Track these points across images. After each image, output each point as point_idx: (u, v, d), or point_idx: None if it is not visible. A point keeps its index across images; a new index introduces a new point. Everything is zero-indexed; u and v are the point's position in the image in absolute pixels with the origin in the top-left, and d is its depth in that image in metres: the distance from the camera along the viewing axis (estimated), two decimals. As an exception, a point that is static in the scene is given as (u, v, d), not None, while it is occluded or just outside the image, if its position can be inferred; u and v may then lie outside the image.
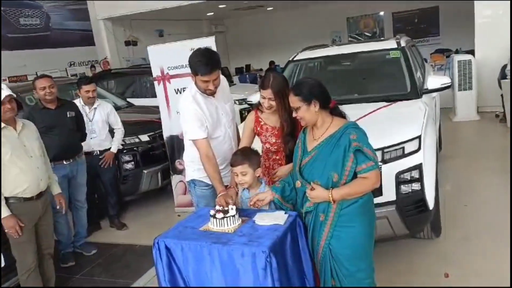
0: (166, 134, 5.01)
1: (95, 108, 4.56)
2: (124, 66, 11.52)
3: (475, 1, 8.06)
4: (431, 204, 3.21)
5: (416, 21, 14.68)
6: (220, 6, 12.35)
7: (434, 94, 4.43)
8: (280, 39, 15.09)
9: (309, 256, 2.38)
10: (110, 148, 4.62)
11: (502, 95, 7.24)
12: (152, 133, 5.28)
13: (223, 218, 2.30)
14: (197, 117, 2.74)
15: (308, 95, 2.26)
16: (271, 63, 13.87)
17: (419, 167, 3.09)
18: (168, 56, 4.85)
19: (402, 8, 14.52)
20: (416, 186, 3.12)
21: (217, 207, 2.40)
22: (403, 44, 4.58)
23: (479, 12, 8.07)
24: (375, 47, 4.69)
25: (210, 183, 2.86)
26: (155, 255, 2.30)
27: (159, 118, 5.11)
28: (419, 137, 3.20)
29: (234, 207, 2.37)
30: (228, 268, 2.14)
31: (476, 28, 8.12)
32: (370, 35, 15.37)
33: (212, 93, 2.80)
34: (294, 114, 2.34)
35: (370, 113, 3.63)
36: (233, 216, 2.32)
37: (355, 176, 2.19)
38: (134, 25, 12.73)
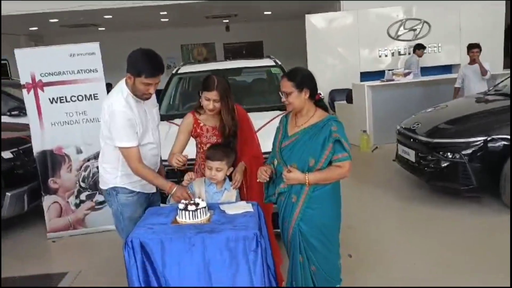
0: (37, 149, 4.37)
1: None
2: None
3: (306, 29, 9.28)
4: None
5: (244, 52, 16.11)
6: (52, 20, 11.30)
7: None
8: (113, 61, 14.55)
9: (269, 244, 2.42)
10: None
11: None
12: (16, 149, 4.56)
13: (196, 210, 2.26)
14: (131, 123, 2.54)
15: (301, 83, 2.39)
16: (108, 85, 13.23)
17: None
18: (42, 61, 4.30)
19: (232, 40, 15.80)
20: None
21: (183, 201, 2.34)
22: (279, 62, 5.13)
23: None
24: (256, 64, 5.11)
25: (134, 189, 2.72)
26: (127, 256, 2.11)
27: (28, 136, 4.49)
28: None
29: (202, 200, 2.35)
30: (215, 257, 2.11)
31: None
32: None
33: (147, 98, 2.64)
34: (283, 99, 2.43)
35: (270, 121, 3.96)
36: (204, 207, 2.30)
37: (328, 165, 2.39)
38: None
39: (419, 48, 8.36)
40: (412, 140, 4.84)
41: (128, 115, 2.52)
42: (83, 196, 4.49)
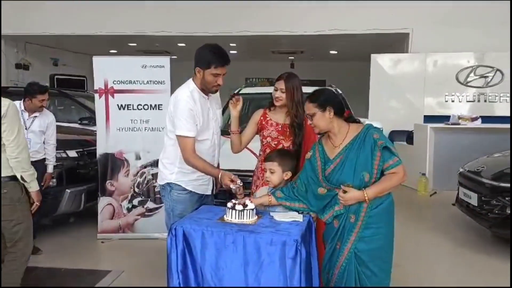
0: (100, 151, 4.61)
1: (35, 117, 4.15)
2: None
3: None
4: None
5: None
6: (130, 44, 12.15)
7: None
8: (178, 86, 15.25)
9: (316, 262, 2.34)
10: (41, 160, 4.17)
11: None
12: (81, 149, 4.84)
13: (242, 210, 2.25)
14: (191, 114, 2.65)
15: (323, 102, 2.33)
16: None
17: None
18: (116, 69, 4.61)
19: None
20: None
21: (233, 200, 2.34)
22: (340, 91, 5.13)
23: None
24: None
25: (187, 187, 2.77)
26: (169, 243, 2.14)
27: (93, 140, 4.81)
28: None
29: (252, 203, 2.34)
30: (252, 257, 2.08)
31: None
32: (265, 96, 16.57)
33: (216, 90, 2.76)
34: (309, 122, 2.41)
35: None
36: (252, 209, 2.29)
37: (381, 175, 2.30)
38: (29, 49, 11.75)
39: None
40: (475, 182, 4.56)
41: (190, 105, 2.63)
42: (135, 202, 4.64)
